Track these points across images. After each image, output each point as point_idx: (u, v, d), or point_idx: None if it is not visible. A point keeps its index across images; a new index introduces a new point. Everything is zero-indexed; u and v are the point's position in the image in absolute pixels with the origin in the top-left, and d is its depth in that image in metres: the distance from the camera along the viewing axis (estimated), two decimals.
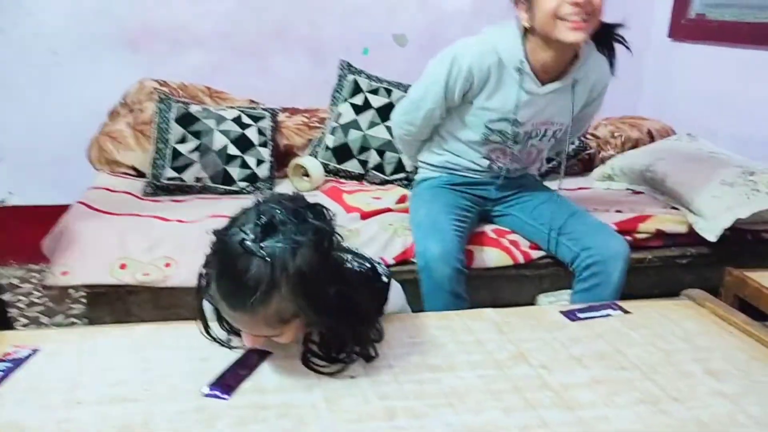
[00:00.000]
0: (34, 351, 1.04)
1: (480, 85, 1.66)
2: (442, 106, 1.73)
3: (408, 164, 2.19)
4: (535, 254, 1.84)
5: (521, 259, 1.82)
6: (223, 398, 0.93)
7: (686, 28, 2.75)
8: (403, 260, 1.78)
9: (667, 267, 1.94)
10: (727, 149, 2.32)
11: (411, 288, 1.63)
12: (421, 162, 1.92)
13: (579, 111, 1.78)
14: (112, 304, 1.62)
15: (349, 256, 1.07)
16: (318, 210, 0.97)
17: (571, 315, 1.26)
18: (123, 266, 1.63)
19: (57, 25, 2.45)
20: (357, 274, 1.06)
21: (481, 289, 1.79)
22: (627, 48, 1.78)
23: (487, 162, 1.81)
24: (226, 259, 0.91)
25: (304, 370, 1.00)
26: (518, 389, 0.99)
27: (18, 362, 1.00)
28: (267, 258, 0.87)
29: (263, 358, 1.03)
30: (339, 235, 0.99)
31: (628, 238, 1.91)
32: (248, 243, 0.88)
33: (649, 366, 1.07)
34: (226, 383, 0.96)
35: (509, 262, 1.82)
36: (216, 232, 0.96)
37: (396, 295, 1.21)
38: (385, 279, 1.13)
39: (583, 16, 1.52)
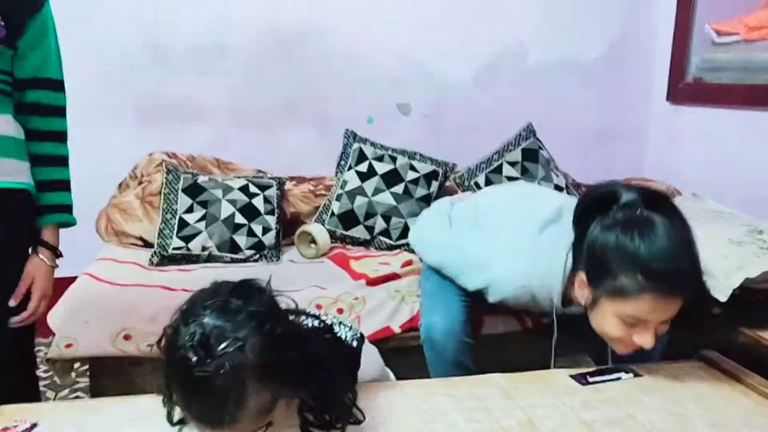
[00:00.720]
0: (34, 425, 1.02)
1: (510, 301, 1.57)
2: None
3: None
4: (546, 319, 1.80)
5: (530, 325, 1.79)
6: None
7: (684, 91, 2.80)
8: (410, 328, 1.76)
9: (678, 328, 1.90)
10: (732, 208, 2.32)
11: (420, 355, 1.61)
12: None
13: None
14: (116, 375, 1.61)
15: (303, 317, 1.04)
16: (246, 290, 0.93)
17: (581, 379, 1.23)
18: (127, 337, 1.62)
19: (70, 98, 2.51)
20: (315, 330, 1.04)
21: (491, 354, 1.75)
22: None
23: None
24: (185, 390, 0.89)
25: None
26: None
27: None
28: (221, 371, 0.84)
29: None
30: (277, 300, 0.95)
31: None
32: (197, 368, 0.85)
33: (662, 431, 1.04)
34: None
35: (517, 327, 1.80)
36: (166, 362, 0.92)
37: (371, 359, 1.19)
38: (354, 342, 1.11)
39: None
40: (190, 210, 2.18)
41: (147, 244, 2.21)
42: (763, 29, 2.40)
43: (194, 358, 0.85)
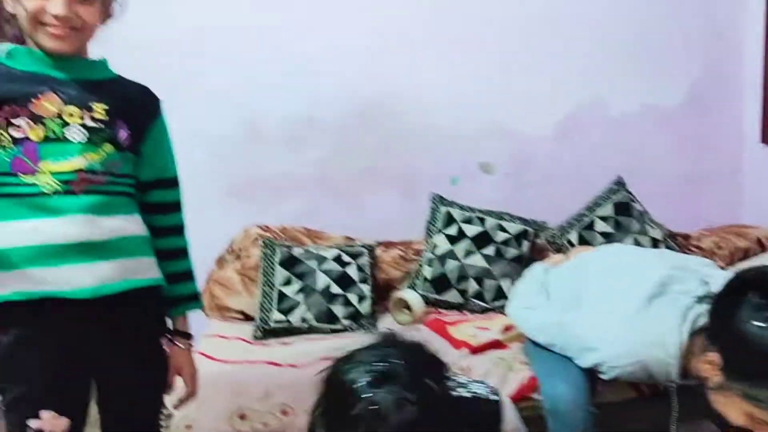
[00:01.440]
0: None
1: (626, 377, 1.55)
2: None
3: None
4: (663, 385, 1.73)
5: (646, 391, 1.72)
6: None
7: None
8: (521, 397, 1.71)
9: None
10: None
11: (533, 427, 1.57)
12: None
13: None
14: None
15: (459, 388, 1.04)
16: (435, 365, 0.95)
17: None
18: (242, 416, 1.64)
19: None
20: (464, 401, 1.03)
21: (606, 423, 1.68)
22: None
23: None
24: (332, 392, 0.92)
25: None
26: None
27: None
28: (372, 405, 0.86)
29: None
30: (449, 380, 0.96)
31: None
32: (358, 385, 0.87)
33: None
34: None
35: (632, 395, 1.72)
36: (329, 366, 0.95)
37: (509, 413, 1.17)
38: (493, 397, 1.09)
39: None
40: (287, 282, 2.23)
41: (247, 317, 2.27)
42: None
43: (363, 378, 0.88)
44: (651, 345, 1.42)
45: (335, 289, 2.23)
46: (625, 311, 1.49)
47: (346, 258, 2.33)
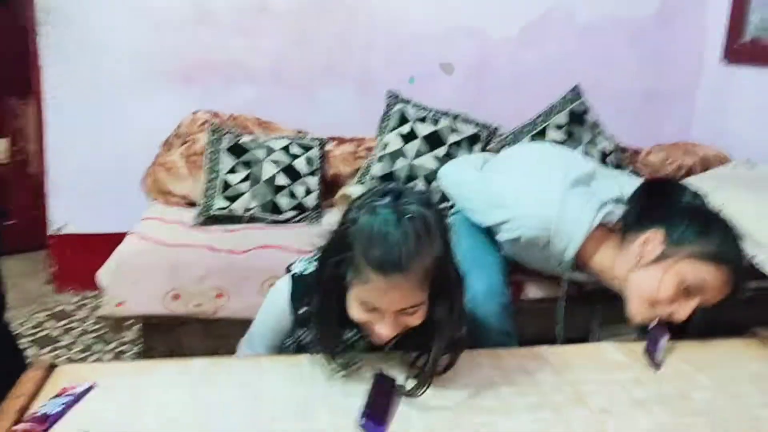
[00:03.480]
0: (91, 386, 1.05)
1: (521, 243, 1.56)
2: None
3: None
4: (589, 287, 1.78)
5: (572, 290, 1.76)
6: (380, 430, 0.94)
7: (741, 51, 2.68)
8: None
9: (728, 303, 1.86)
10: None
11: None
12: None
13: None
14: (165, 334, 1.64)
15: None
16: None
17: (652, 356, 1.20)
18: (176, 297, 1.65)
19: (116, 59, 2.53)
20: None
21: (529, 322, 1.74)
22: None
23: None
24: (370, 230, 0.97)
25: (355, 410, 0.98)
26: None
27: (76, 397, 1.01)
28: (409, 213, 0.97)
29: (391, 385, 1.03)
30: None
31: None
32: (389, 210, 0.97)
33: (717, 412, 1.02)
34: (377, 415, 0.97)
35: (558, 293, 1.77)
36: (345, 221, 1.02)
37: None
38: None
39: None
40: (233, 170, 2.19)
41: (191, 204, 2.24)
42: None
43: (386, 201, 0.99)
44: (564, 219, 1.46)
45: (282, 180, 2.20)
46: (549, 183, 1.53)
47: (295, 150, 2.29)
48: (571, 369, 1.15)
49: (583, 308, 1.65)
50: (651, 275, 1.29)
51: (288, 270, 1.22)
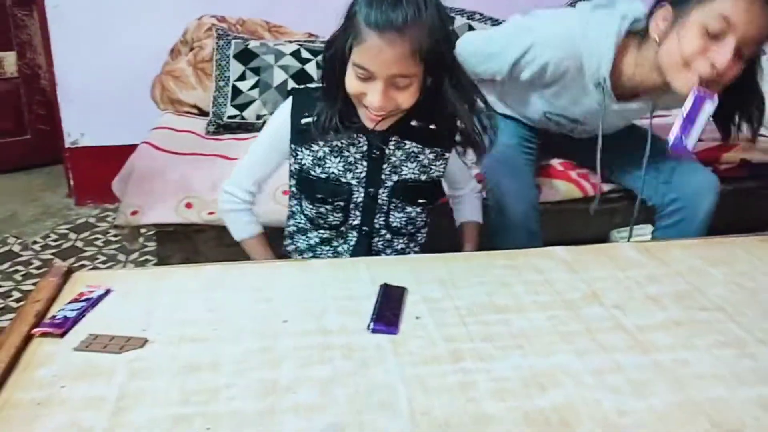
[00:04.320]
0: (107, 291, 1.06)
1: (551, 80, 1.52)
2: (506, 75, 1.60)
3: None
4: (607, 186, 1.75)
5: (591, 192, 1.73)
6: (392, 332, 0.94)
7: None
8: None
9: (752, 199, 1.82)
10: None
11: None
12: None
13: None
14: (180, 242, 1.66)
15: None
16: None
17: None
18: (189, 205, 1.65)
19: None
20: None
21: (549, 225, 1.72)
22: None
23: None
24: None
25: (365, 311, 0.98)
26: (590, 331, 0.95)
27: (92, 302, 1.03)
28: None
29: (400, 293, 1.03)
30: None
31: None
32: None
33: (733, 306, 1.01)
34: (387, 318, 0.97)
35: (578, 194, 1.74)
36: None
37: None
38: None
39: (712, 79, 1.29)
40: (242, 77, 2.14)
41: (202, 112, 2.21)
42: None
43: None
44: (588, 36, 1.42)
45: (293, 85, 2.15)
46: (570, 10, 1.53)
47: (305, 54, 2.21)
48: (586, 268, 1.13)
49: (602, 213, 1.63)
50: (672, 40, 1.31)
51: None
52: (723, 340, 0.93)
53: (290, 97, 1.25)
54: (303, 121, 1.19)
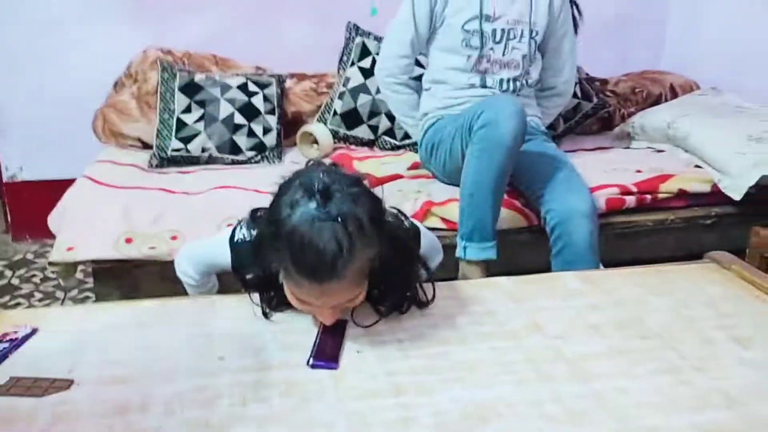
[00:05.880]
0: (34, 330, 1.01)
1: None
2: (413, 25, 1.87)
3: (412, 130, 2.07)
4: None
5: (535, 221, 1.75)
6: (333, 367, 0.92)
7: None
8: None
9: (690, 228, 1.87)
10: (755, 103, 2.21)
11: None
12: (423, 114, 1.96)
13: (547, 23, 1.89)
14: (120, 278, 1.60)
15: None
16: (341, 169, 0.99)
17: None
18: (128, 240, 1.60)
19: None
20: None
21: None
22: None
23: (480, 77, 1.87)
24: (300, 239, 0.89)
25: (307, 347, 0.96)
26: (532, 361, 0.94)
27: (16, 342, 0.98)
28: (339, 218, 0.89)
29: (342, 324, 1.01)
30: None
31: (649, 197, 1.84)
32: (317, 214, 0.89)
33: (671, 334, 1.02)
34: (327, 353, 0.95)
35: (524, 223, 1.76)
36: (270, 222, 0.94)
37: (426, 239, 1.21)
38: (407, 224, 1.14)
39: None
40: (188, 110, 2.11)
41: (146, 146, 2.16)
42: None
43: (313, 205, 0.89)
44: None
45: (239, 119, 2.13)
46: None
47: (252, 87, 2.20)
48: (528, 297, 1.13)
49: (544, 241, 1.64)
50: None
51: (232, 237, 1.14)
52: (661, 367, 0.93)
53: (228, 242, 1.14)
54: (247, 276, 1.07)
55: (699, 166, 1.95)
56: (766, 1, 2.35)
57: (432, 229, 1.70)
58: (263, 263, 0.99)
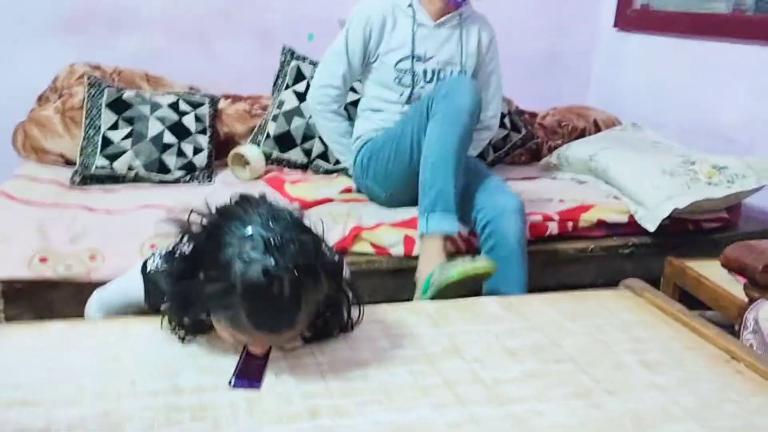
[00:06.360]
0: None
1: (379, 29, 1.87)
2: (345, 58, 1.91)
3: (342, 158, 2.09)
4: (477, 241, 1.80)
5: (463, 247, 1.77)
6: (255, 387, 0.91)
7: (632, 18, 2.76)
8: (342, 249, 1.71)
9: (610, 257, 1.94)
10: (670, 139, 2.34)
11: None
12: (357, 136, 1.98)
13: (476, 62, 1.97)
14: (32, 299, 1.52)
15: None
16: (275, 204, 0.97)
17: None
18: (43, 259, 1.53)
19: None
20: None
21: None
22: None
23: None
24: (259, 296, 0.88)
25: (225, 369, 0.94)
26: (450, 384, 0.95)
27: None
28: (296, 272, 0.88)
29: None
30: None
31: (570, 223, 1.89)
32: (276, 272, 0.87)
33: (584, 358, 1.05)
34: (250, 373, 0.93)
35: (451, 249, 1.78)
36: (219, 278, 0.90)
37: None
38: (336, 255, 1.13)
39: None
40: (114, 127, 2.05)
41: (68, 162, 2.09)
42: None
43: (271, 261, 0.87)
44: None
45: (168, 138, 2.09)
46: None
47: (183, 107, 2.17)
48: (450, 322, 1.15)
49: None
50: None
51: (144, 268, 1.11)
52: (574, 391, 0.96)
53: (141, 274, 1.11)
54: (162, 307, 1.03)
55: (617, 198, 2.03)
56: (682, 44, 2.49)
57: (361, 254, 1.74)
58: (195, 311, 0.96)
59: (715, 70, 2.36)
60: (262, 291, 0.87)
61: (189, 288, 0.94)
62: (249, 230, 0.91)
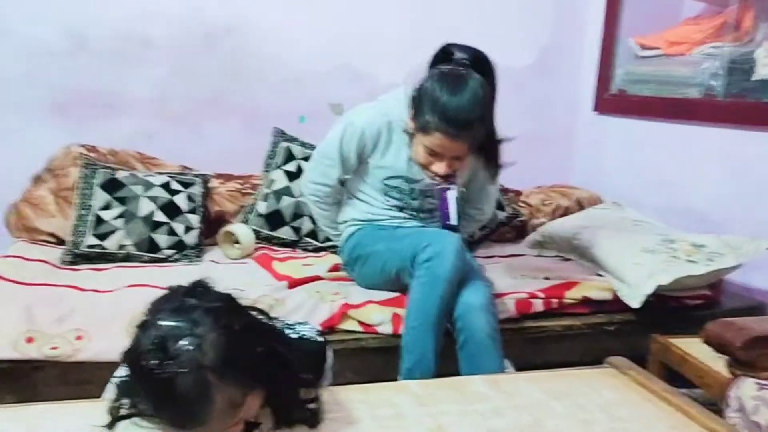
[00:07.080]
0: None
1: (372, 144, 1.84)
2: (339, 165, 1.88)
3: (336, 239, 2.09)
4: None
5: None
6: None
7: (609, 102, 2.88)
8: (330, 327, 1.72)
9: (595, 334, 1.95)
10: (651, 217, 2.40)
11: (340, 358, 1.59)
12: (344, 221, 1.98)
13: (469, 179, 1.95)
14: (17, 381, 1.51)
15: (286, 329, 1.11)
16: (201, 289, 0.95)
17: None
18: (29, 340, 1.52)
19: None
20: (272, 326, 1.04)
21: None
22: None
23: (398, 209, 1.93)
24: (153, 396, 0.89)
25: None
26: None
27: None
28: (180, 371, 0.85)
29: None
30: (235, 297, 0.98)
31: (555, 301, 1.91)
32: (160, 371, 0.86)
33: None
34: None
35: None
36: (133, 371, 0.91)
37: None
38: (320, 339, 1.16)
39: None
40: (107, 207, 2.09)
41: (60, 242, 2.11)
42: (682, 45, 2.49)
43: (154, 362, 0.86)
44: (388, 99, 1.86)
45: (160, 216, 2.12)
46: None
47: (175, 186, 2.22)
48: (435, 401, 1.15)
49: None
50: (413, 147, 1.74)
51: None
52: None
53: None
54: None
55: (601, 275, 2.06)
56: (657, 127, 2.60)
57: (349, 332, 1.75)
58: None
59: (689, 152, 2.44)
60: (156, 391, 0.88)
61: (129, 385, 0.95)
62: (157, 324, 0.89)
